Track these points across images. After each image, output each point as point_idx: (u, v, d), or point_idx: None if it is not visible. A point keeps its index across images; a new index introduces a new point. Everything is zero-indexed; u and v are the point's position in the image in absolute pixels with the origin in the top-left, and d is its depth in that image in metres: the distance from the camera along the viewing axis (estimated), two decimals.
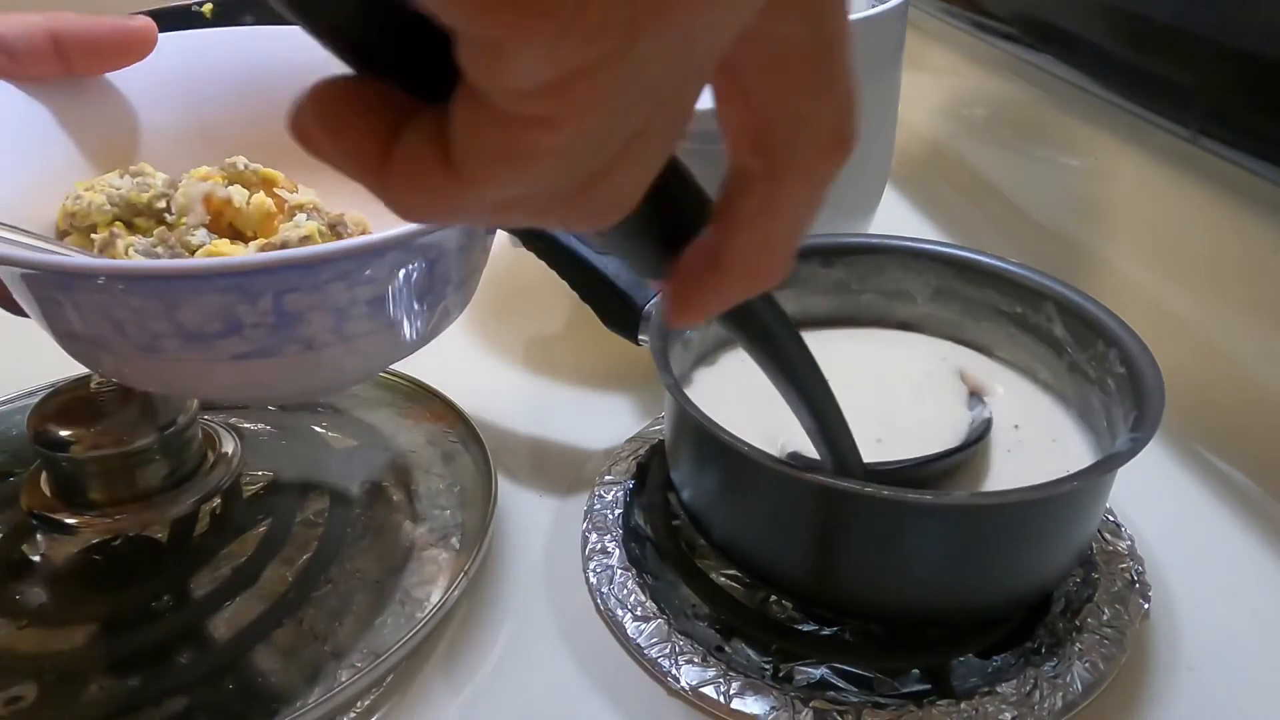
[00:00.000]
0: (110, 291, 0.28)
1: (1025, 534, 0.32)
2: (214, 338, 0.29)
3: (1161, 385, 0.34)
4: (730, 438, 0.33)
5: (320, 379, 0.33)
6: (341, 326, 0.30)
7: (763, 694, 0.33)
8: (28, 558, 0.38)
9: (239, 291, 0.28)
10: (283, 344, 0.30)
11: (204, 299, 0.28)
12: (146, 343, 0.29)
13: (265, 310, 0.28)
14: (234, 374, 0.30)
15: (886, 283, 0.44)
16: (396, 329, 0.32)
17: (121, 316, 0.28)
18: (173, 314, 0.28)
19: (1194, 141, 0.49)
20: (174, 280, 0.28)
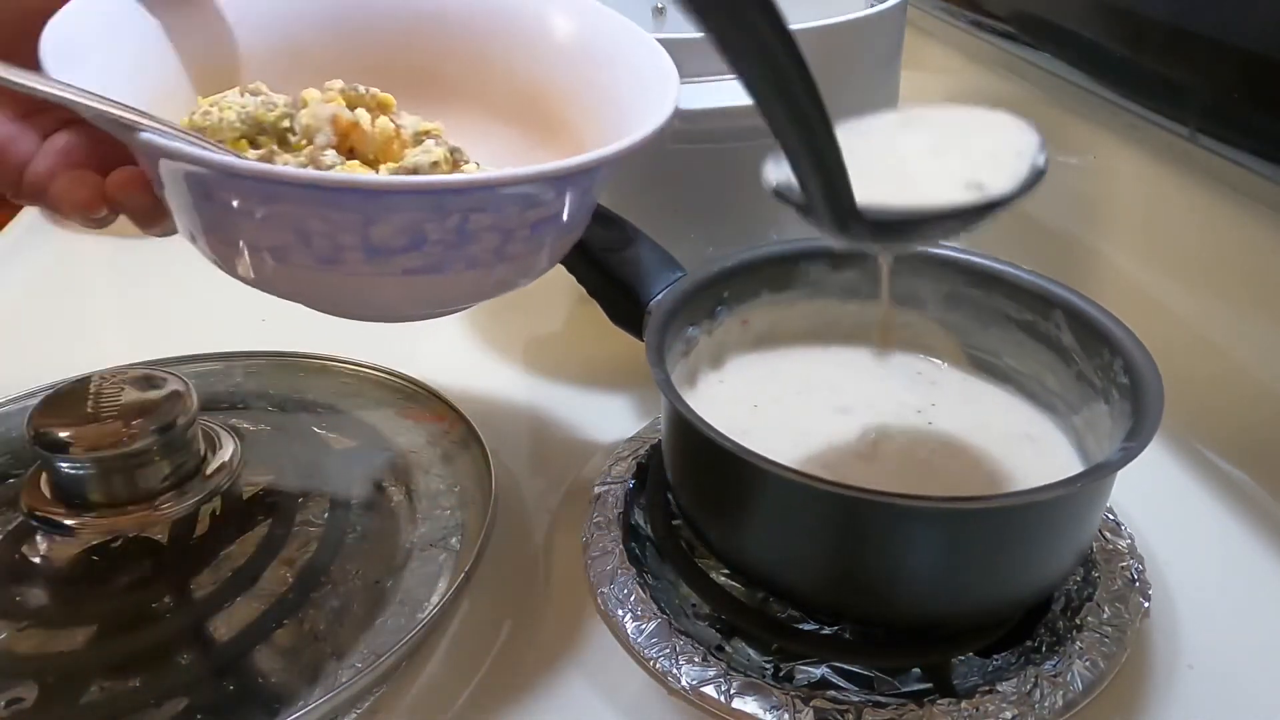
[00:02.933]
0: (315, 203, 0.29)
1: (1020, 538, 0.32)
2: (395, 253, 0.30)
3: (1161, 397, 0.34)
4: (722, 438, 0.33)
5: (459, 297, 0.36)
6: (503, 248, 0.32)
7: (763, 693, 0.33)
8: (28, 559, 0.38)
9: (436, 210, 0.29)
10: (451, 262, 0.31)
11: (402, 215, 0.29)
12: (329, 255, 0.30)
13: (450, 228, 0.30)
14: (394, 289, 0.32)
15: (897, 286, 0.44)
16: (535, 255, 0.34)
17: (312, 228, 0.29)
18: (368, 228, 0.29)
19: (1192, 140, 0.49)
20: (391, 195, 0.29)
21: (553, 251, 0.36)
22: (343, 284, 0.32)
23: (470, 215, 0.30)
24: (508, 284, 0.35)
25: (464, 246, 0.31)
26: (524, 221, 0.32)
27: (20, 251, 0.69)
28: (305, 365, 0.51)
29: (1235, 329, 0.47)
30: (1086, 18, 0.58)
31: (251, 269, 0.32)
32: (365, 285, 0.32)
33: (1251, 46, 0.45)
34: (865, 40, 0.50)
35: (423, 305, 0.36)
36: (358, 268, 0.31)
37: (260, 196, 0.30)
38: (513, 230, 0.32)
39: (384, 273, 0.31)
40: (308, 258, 0.30)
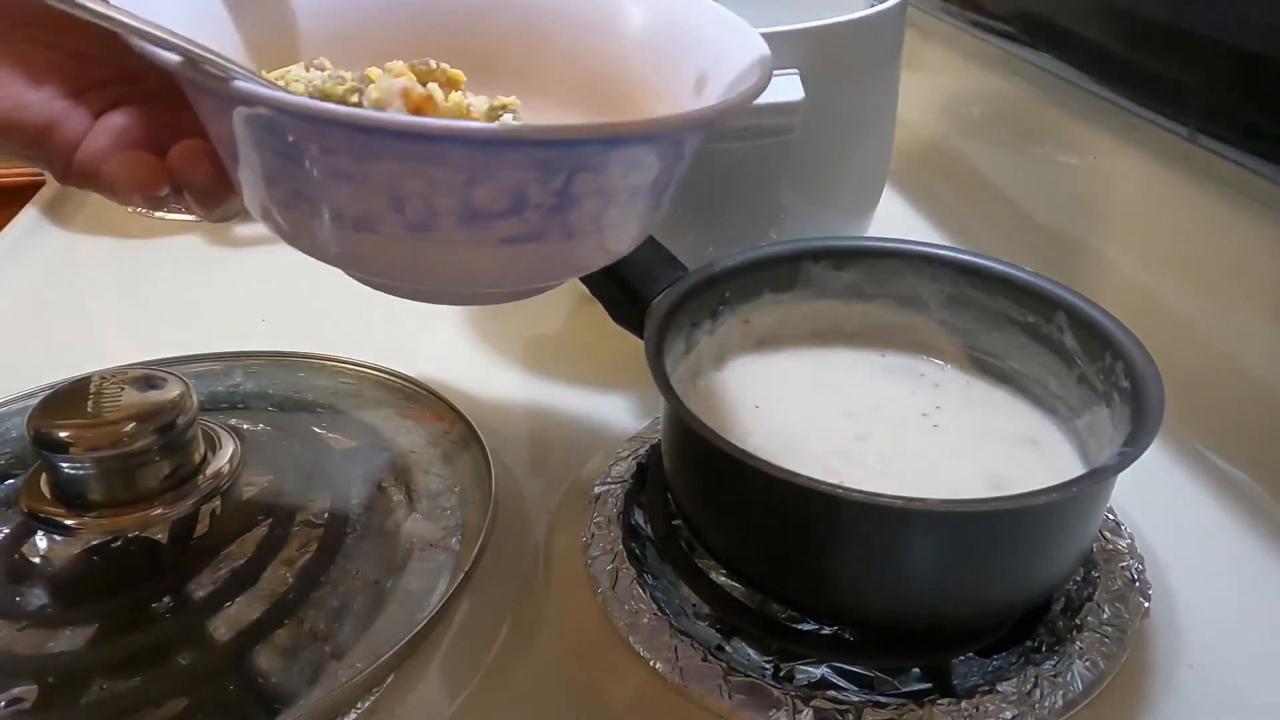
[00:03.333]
0: (419, 157, 0.27)
1: (1020, 542, 0.32)
2: (494, 218, 0.28)
3: (1162, 402, 0.33)
4: (720, 439, 0.33)
5: (548, 273, 0.33)
6: (602, 216, 0.30)
7: (763, 693, 0.33)
8: (28, 559, 0.38)
9: (543, 167, 0.27)
10: (549, 229, 0.29)
11: (508, 173, 0.27)
12: (422, 220, 0.28)
13: (554, 190, 0.28)
14: (485, 260, 0.30)
15: (900, 288, 0.44)
16: (628, 226, 0.32)
17: (409, 189, 0.27)
18: (470, 187, 0.27)
19: (1192, 139, 0.49)
20: (503, 146, 0.27)
21: (643, 225, 0.34)
22: (431, 255, 0.29)
23: (576, 175, 0.28)
24: (593, 259, 0.33)
25: (565, 212, 0.29)
26: (625, 186, 0.30)
27: (20, 251, 0.69)
28: (305, 365, 0.51)
29: (1235, 328, 0.47)
30: (1086, 18, 0.58)
31: (332, 241, 0.30)
32: (455, 256, 0.29)
33: (1251, 46, 0.45)
34: (865, 40, 0.50)
35: (509, 280, 0.33)
36: (451, 234, 0.28)
37: (356, 151, 0.27)
38: (613, 195, 0.30)
39: (479, 241, 0.29)
40: (398, 225, 0.28)
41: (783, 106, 0.45)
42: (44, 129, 0.29)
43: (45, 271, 0.67)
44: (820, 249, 0.44)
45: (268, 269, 0.66)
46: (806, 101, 0.45)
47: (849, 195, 0.55)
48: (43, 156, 0.30)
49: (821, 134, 0.49)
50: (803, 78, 0.46)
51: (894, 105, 0.55)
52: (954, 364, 0.44)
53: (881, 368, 0.44)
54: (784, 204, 0.51)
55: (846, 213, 0.55)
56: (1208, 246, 0.49)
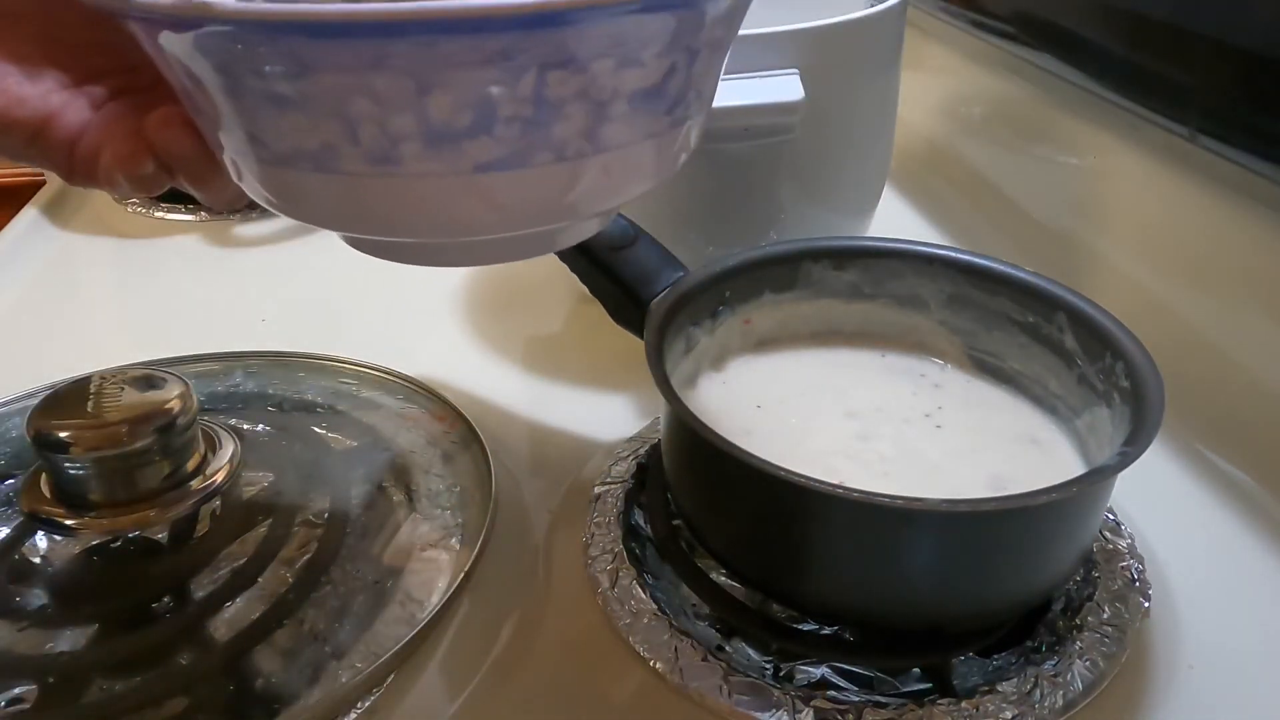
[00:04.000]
0: (361, 64, 0.24)
1: (1020, 542, 0.32)
2: (461, 137, 0.25)
3: (1162, 402, 0.33)
4: (720, 439, 0.32)
5: (552, 210, 0.29)
6: (597, 131, 0.26)
7: (763, 693, 0.33)
8: (28, 559, 0.38)
9: (503, 62, 0.24)
10: (533, 149, 0.26)
11: (465, 73, 0.24)
12: (383, 151, 0.25)
13: (525, 96, 0.24)
14: (469, 194, 0.26)
15: (900, 288, 0.44)
16: (642, 145, 0.28)
17: (359, 111, 0.24)
18: (423, 99, 0.24)
19: (1192, 140, 0.49)
20: (446, 31, 0.23)
21: (659, 148, 0.29)
22: (407, 195, 0.26)
23: (548, 73, 0.24)
24: (602, 194, 0.29)
25: (546, 125, 0.25)
26: (619, 88, 0.26)
27: (20, 251, 0.69)
28: (305, 365, 0.51)
29: (1235, 328, 0.47)
30: (1086, 18, 0.58)
31: (296, 191, 0.27)
32: (432, 193, 0.26)
33: (1251, 46, 0.45)
34: (865, 40, 0.50)
35: (505, 222, 0.28)
36: (420, 165, 0.25)
37: (284, 63, 0.24)
38: (605, 103, 0.26)
39: (452, 171, 0.25)
40: (358, 160, 0.25)
41: (783, 106, 0.45)
42: (42, 123, 0.28)
43: (45, 271, 0.67)
44: (820, 249, 0.44)
45: (268, 269, 0.66)
46: (806, 101, 0.45)
47: (849, 195, 0.55)
48: (43, 152, 0.29)
49: (821, 134, 0.49)
50: (803, 78, 0.46)
51: (894, 105, 0.55)
52: (954, 364, 0.44)
53: (882, 368, 0.44)
54: (784, 204, 0.51)
55: (846, 213, 0.55)
56: (1208, 246, 0.49)
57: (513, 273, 0.63)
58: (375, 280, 0.60)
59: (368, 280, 0.61)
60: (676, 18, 0.26)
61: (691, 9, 0.26)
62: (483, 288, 0.62)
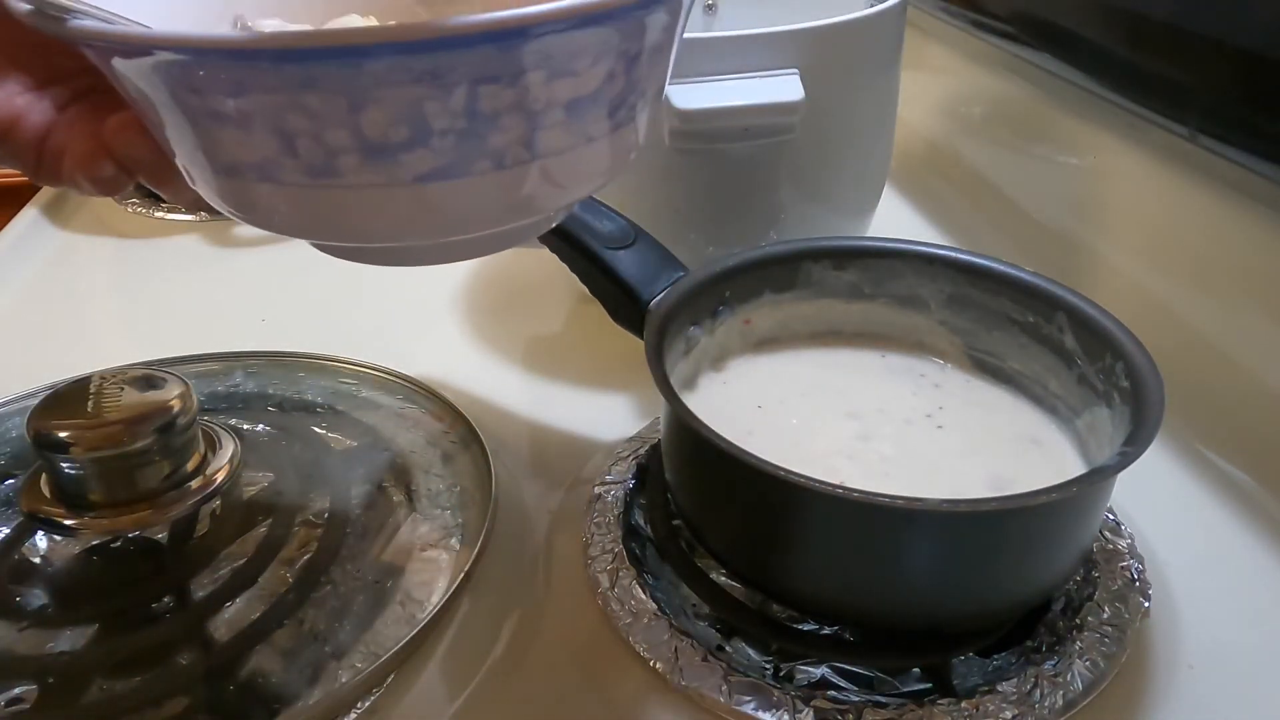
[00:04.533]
0: (289, 85, 0.24)
1: (1020, 541, 0.32)
2: (398, 150, 0.25)
3: (1162, 403, 0.33)
4: (719, 439, 0.32)
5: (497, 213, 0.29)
6: (535, 138, 0.26)
7: (763, 693, 0.33)
8: (28, 559, 0.38)
9: (434, 80, 0.24)
10: (470, 159, 0.26)
11: (394, 91, 0.24)
12: (321, 163, 0.25)
13: (457, 109, 0.25)
14: (412, 202, 0.26)
15: (900, 288, 0.44)
16: (584, 150, 0.28)
17: (295, 126, 0.25)
18: (355, 116, 0.24)
19: (1192, 140, 0.49)
20: (367, 56, 0.24)
21: (603, 151, 0.29)
22: (348, 204, 0.27)
23: (479, 88, 0.25)
24: (549, 196, 0.29)
25: (482, 136, 0.25)
26: (554, 98, 0.26)
27: (20, 251, 0.69)
28: (305, 365, 0.51)
29: (1235, 328, 0.47)
30: (1086, 18, 0.58)
31: (246, 200, 0.28)
32: (375, 202, 0.27)
33: (1251, 46, 0.45)
34: (865, 40, 0.50)
35: (454, 226, 0.29)
36: (359, 177, 0.26)
37: (219, 85, 0.25)
38: (541, 112, 0.26)
39: (391, 181, 0.26)
40: (297, 171, 0.26)
41: (783, 106, 0.45)
42: (8, 124, 0.29)
43: (45, 271, 0.67)
44: (820, 249, 0.44)
45: (268, 269, 0.66)
46: (806, 101, 0.45)
47: (849, 195, 0.55)
48: (11, 152, 0.29)
49: (821, 134, 0.49)
50: (803, 78, 0.46)
51: (894, 105, 0.55)
52: (954, 364, 0.44)
53: (882, 368, 0.44)
54: (784, 204, 0.51)
55: (846, 213, 0.55)
56: (1208, 246, 0.49)
57: (513, 273, 0.63)
58: (375, 280, 0.60)
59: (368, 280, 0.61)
60: (608, 32, 0.26)
61: (623, 22, 0.26)
62: (483, 288, 0.62)
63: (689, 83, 0.46)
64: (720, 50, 0.46)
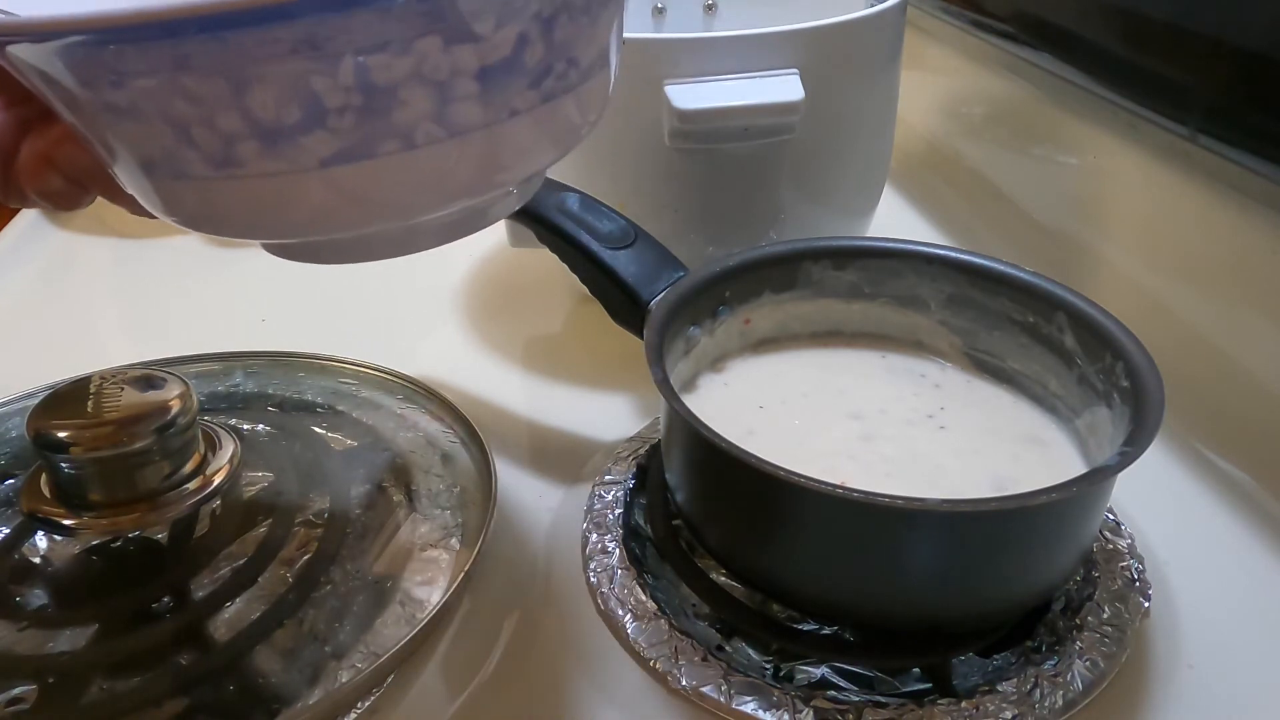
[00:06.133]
0: (163, 65, 0.23)
1: (1019, 541, 0.32)
2: (295, 133, 0.23)
3: (1162, 403, 0.33)
4: (719, 439, 0.32)
5: (424, 199, 0.27)
6: (445, 112, 0.24)
7: (763, 693, 0.33)
8: (28, 559, 0.38)
9: (312, 50, 0.22)
10: (377, 137, 0.24)
11: (274, 67, 0.23)
12: (222, 152, 0.24)
13: (348, 84, 0.23)
14: (326, 190, 0.25)
15: (900, 288, 0.44)
16: (514, 122, 0.26)
17: (185, 114, 0.23)
18: (241, 97, 0.23)
19: (1193, 140, 0.49)
20: (230, 26, 0.22)
21: (539, 124, 0.27)
22: (261, 196, 0.25)
23: (368, 59, 0.23)
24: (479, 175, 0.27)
25: (384, 113, 0.24)
26: (459, 67, 0.24)
27: (20, 251, 0.69)
28: (305, 365, 0.51)
29: (1235, 328, 0.47)
30: (1086, 17, 0.58)
31: (168, 200, 0.27)
32: (286, 193, 0.25)
33: (1251, 46, 0.45)
34: (865, 40, 0.50)
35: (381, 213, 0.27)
36: (263, 165, 0.24)
37: (96, 69, 0.23)
38: (446, 83, 0.24)
39: (299, 168, 0.24)
40: (202, 164, 0.24)
41: (783, 106, 0.45)
42: None
43: (45, 271, 0.67)
44: (820, 249, 0.44)
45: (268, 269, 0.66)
46: (806, 101, 0.45)
47: (849, 195, 0.55)
48: None
49: (821, 134, 0.49)
50: (803, 78, 0.46)
51: (894, 105, 0.55)
52: (954, 364, 0.44)
53: (882, 368, 0.44)
54: (784, 204, 0.51)
55: (846, 213, 0.55)
56: (1208, 246, 0.49)
57: (513, 273, 0.63)
58: (375, 280, 0.60)
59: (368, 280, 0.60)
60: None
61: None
62: (483, 288, 0.62)
63: (689, 83, 0.46)
64: (720, 50, 0.46)
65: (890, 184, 0.59)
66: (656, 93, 0.46)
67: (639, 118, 0.47)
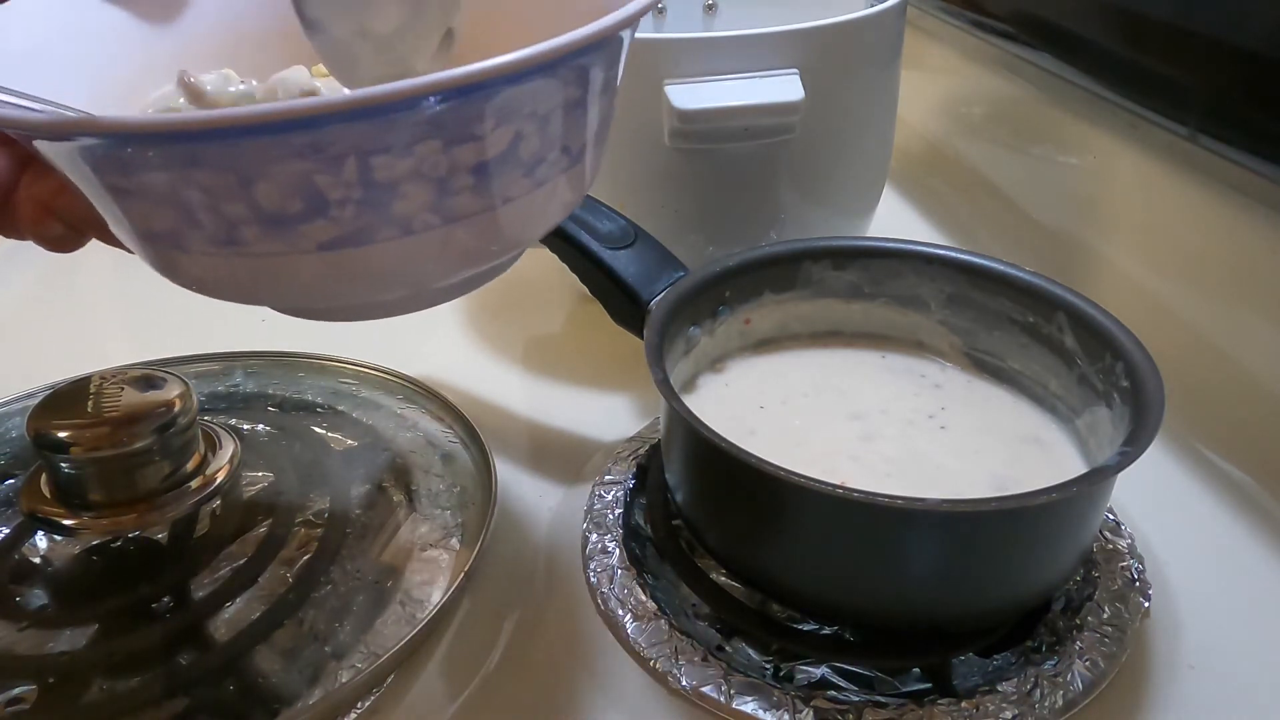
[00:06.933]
0: (176, 162, 0.24)
1: (1019, 541, 0.32)
2: (297, 221, 0.24)
3: (1162, 403, 0.33)
4: (719, 439, 0.32)
5: (417, 276, 0.28)
6: (442, 203, 0.25)
7: (763, 693, 0.33)
8: (28, 559, 0.38)
9: (316, 153, 0.23)
10: (376, 227, 0.25)
11: (280, 166, 0.24)
12: (225, 234, 0.25)
13: (350, 180, 0.24)
14: (322, 269, 0.26)
15: (900, 288, 0.44)
16: (508, 208, 0.27)
17: (193, 200, 0.24)
18: (248, 190, 0.24)
19: (1192, 139, 0.49)
20: (240, 135, 0.23)
21: (533, 206, 0.28)
22: (260, 271, 0.26)
23: (371, 159, 0.24)
24: (477, 253, 0.28)
25: (383, 205, 0.25)
26: (455, 163, 0.25)
27: (20, 251, 0.69)
28: (305, 365, 0.51)
29: (1235, 328, 0.47)
30: (1086, 17, 0.58)
31: (168, 264, 0.28)
32: (284, 270, 0.26)
33: (1251, 46, 0.45)
34: (865, 40, 0.50)
35: (372, 288, 0.28)
36: (263, 246, 0.25)
37: (114, 163, 0.25)
38: (444, 179, 0.25)
39: (296, 250, 0.25)
40: (205, 241, 0.25)
41: (783, 106, 0.45)
42: None
43: (45, 271, 0.67)
44: (820, 249, 0.44)
45: None
46: (806, 101, 0.45)
47: (849, 195, 0.55)
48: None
49: (821, 134, 0.49)
50: (803, 78, 0.46)
51: (894, 105, 0.55)
52: (954, 364, 0.44)
53: (883, 368, 0.44)
54: (784, 204, 0.51)
55: (846, 213, 0.55)
56: (1208, 246, 0.49)
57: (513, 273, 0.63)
58: None
59: None
60: (500, 99, 0.24)
61: (516, 87, 0.25)
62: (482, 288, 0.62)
63: (689, 83, 0.46)
64: (720, 50, 0.46)
65: (890, 184, 0.59)
66: (656, 93, 0.46)
67: (639, 118, 0.47)
